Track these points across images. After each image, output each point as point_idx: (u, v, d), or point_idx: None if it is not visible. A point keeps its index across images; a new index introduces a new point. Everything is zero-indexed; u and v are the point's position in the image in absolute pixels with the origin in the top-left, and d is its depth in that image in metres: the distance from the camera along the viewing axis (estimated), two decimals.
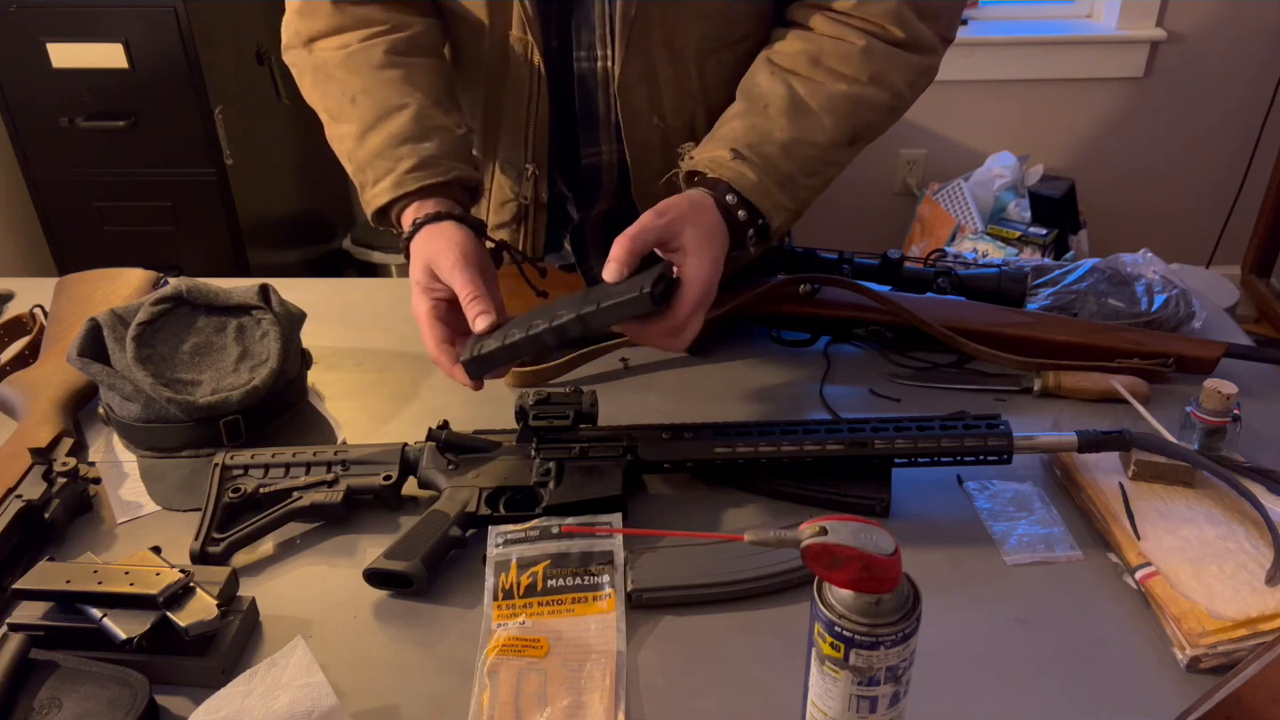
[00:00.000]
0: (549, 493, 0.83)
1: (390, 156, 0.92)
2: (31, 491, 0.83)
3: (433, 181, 0.92)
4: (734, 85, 0.97)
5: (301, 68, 1.00)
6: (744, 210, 0.88)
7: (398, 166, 0.92)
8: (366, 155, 0.94)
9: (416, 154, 0.92)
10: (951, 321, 1.03)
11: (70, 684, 0.67)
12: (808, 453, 0.83)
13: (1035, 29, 2.82)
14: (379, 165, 0.93)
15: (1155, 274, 1.12)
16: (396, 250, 2.80)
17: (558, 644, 0.72)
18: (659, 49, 0.96)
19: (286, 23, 1.01)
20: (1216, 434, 0.85)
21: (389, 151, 0.93)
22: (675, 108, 1.01)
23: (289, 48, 1.02)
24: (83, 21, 2.06)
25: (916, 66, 0.95)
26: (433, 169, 0.92)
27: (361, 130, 0.94)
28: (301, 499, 0.84)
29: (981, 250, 2.52)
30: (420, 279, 0.88)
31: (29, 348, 1.08)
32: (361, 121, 0.94)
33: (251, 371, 0.94)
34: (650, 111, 1.00)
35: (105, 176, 2.24)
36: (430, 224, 0.90)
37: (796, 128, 0.91)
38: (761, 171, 0.89)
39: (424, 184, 0.92)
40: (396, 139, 0.93)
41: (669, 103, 1.00)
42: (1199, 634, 0.69)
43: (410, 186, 0.91)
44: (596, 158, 1.07)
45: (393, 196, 0.92)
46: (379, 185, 0.93)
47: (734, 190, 0.88)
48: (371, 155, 0.93)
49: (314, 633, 0.75)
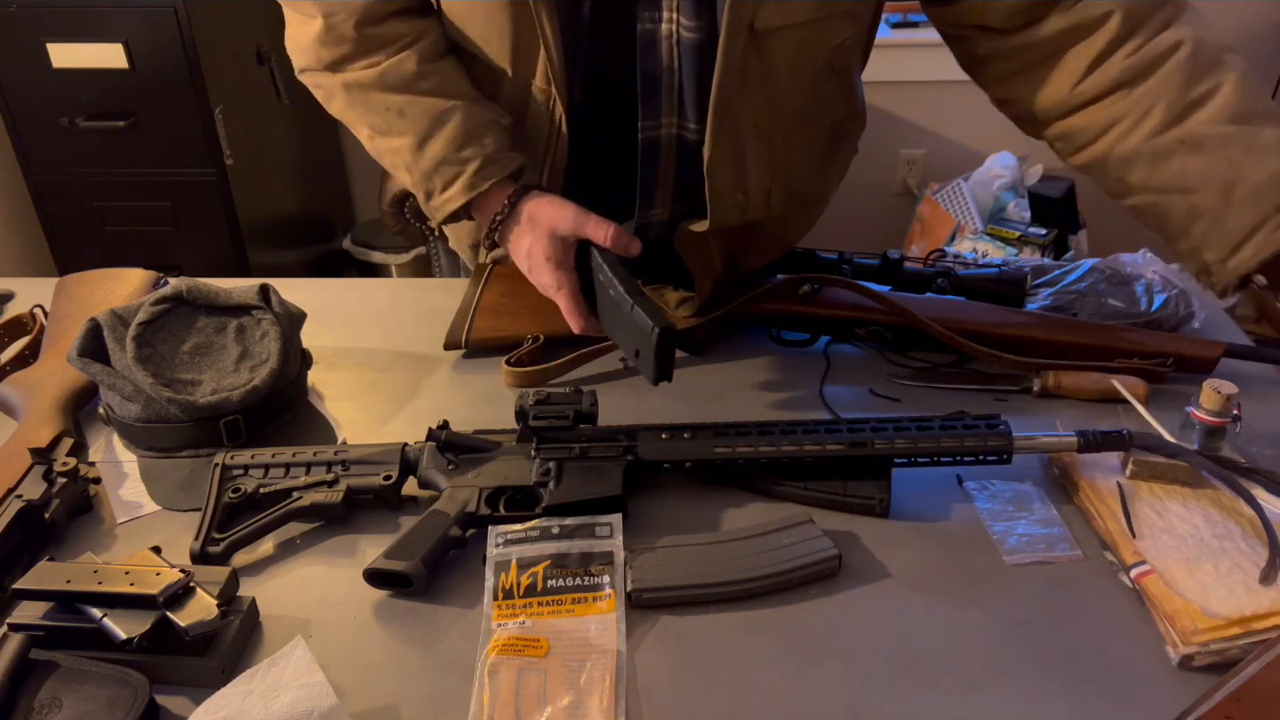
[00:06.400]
0: (549, 493, 0.83)
1: (455, 161, 0.96)
2: (31, 491, 0.83)
3: (501, 177, 0.96)
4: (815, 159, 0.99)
5: (329, 89, 1.00)
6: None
7: (465, 169, 0.96)
8: (429, 164, 0.97)
9: (480, 154, 0.96)
10: (951, 321, 1.03)
11: (70, 684, 0.67)
12: (808, 453, 0.84)
13: None
14: (445, 172, 0.96)
15: (1155, 274, 1.12)
16: (397, 250, 2.80)
17: (558, 644, 0.72)
18: (748, 130, 0.96)
19: (304, 49, 0.99)
20: (1216, 434, 0.85)
21: (452, 156, 0.96)
22: (758, 183, 1.01)
23: (307, 70, 1.01)
24: (83, 21, 2.06)
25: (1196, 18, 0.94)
26: (498, 165, 0.96)
27: (418, 140, 0.97)
28: (301, 499, 0.84)
29: (981, 250, 2.52)
30: (551, 253, 0.94)
31: (29, 348, 1.08)
32: (416, 133, 0.96)
33: (252, 371, 0.94)
34: (735, 189, 0.99)
35: (105, 176, 2.24)
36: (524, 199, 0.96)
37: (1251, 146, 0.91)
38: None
39: (493, 181, 0.96)
40: (457, 143, 0.96)
41: (753, 180, 1.00)
42: (1192, 632, 0.69)
43: (483, 187, 0.96)
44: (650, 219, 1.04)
45: (467, 199, 0.97)
46: (449, 190, 0.97)
47: None
48: (434, 163, 0.97)
49: (314, 633, 0.75)
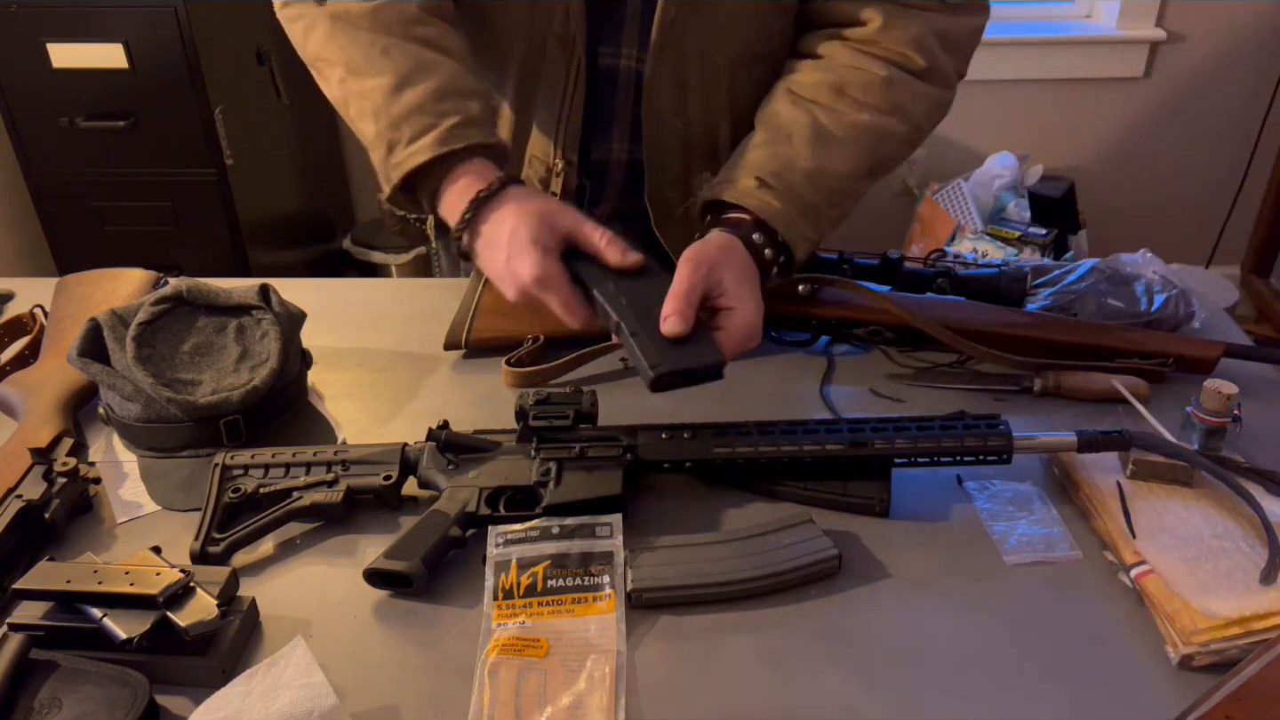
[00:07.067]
0: (549, 492, 0.83)
1: (432, 112, 0.82)
2: (31, 491, 0.83)
3: (480, 141, 0.83)
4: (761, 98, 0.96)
5: (312, 18, 0.89)
6: (770, 249, 0.86)
7: (441, 122, 0.82)
8: (402, 110, 0.83)
9: (463, 110, 0.83)
10: (951, 321, 1.03)
11: (70, 684, 0.67)
12: (808, 453, 0.84)
13: (1035, 29, 2.82)
14: (417, 121, 0.83)
15: (1155, 274, 1.12)
16: (397, 250, 2.78)
17: (558, 644, 0.72)
18: (693, 56, 0.95)
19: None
20: (1216, 434, 0.85)
21: (430, 106, 0.83)
22: (700, 115, 0.99)
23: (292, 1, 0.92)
24: (83, 21, 2.06)
25: (934, 99, 0.94)
26: (479, 129, 0.83)
27: (397, 81, 0.84)
28: (301, 499, 0.84)
29: (981, 250, 2.52)
30: (538, 234, 0.78)
31: (29, 348, 1.08)
32: (396, 73, 0.84)
33: (252, 371, 0.94)
34: (674, 116, 0.98)
35: (105, 176, 2.24)
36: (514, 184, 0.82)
37: (820, 156, 0.89)
38: (786, 200, 0.87)
39: (471, 143, 0.82)
40: (439, 93, 0.83)
41: (694, 110, 0.99)
42: (1191, 632, 0.69)
43: (456, 145, 0.82)
44: (607, 154, 1.05)
45: (434, 154, 0.82)
46: (416, 143, 0.82)
47: (760, 227, 0.86)
48: (408, 110, 0.83)
49: (314, 633, 0.75)
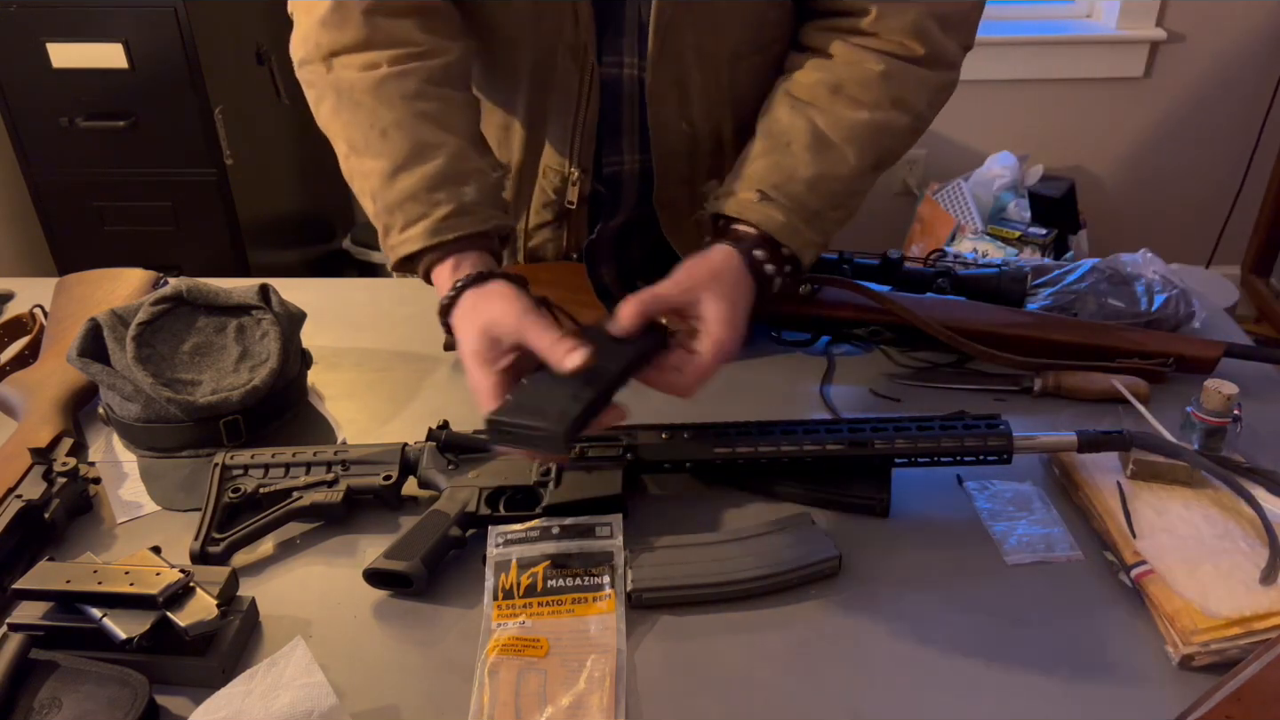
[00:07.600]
0: (549, 492, 0.83)
1: (425, 201, 0.84)
2: (31, 491, 0.83)
3: (471, 231, 0.84)
4: (763, 90, 0.95)
5: (321, 89, 0.90)
6: (772, 264, 0.86)
7: (433, 212, 0.84)
8: (396, 197, 0.85)
9: (455, 199, 0.84)
10: (951, 321, 1.03)
11: (70, 684, 0.67)
12: (808, 453, 0.83)
13: (1035, 29, 2.82)
14: (410, 209, 0.84)
15: (1155, 274, 1.12)
16: None
17: (558, 644, 0.72)
18: (691, 54, 0.94)
19: (305, 35, 0.91)
20: (1217, 434, 0.85)
21: (423, 195, 0.84)
22: (704, 114, 0.99)
23: (306, 63, 0.92)
24: (83, 21, 2.06)
25: (936, 84, 0.93)
26: (471, 217, 0.85)
27: (392, 168, 0.85)
28: (301, 499, 0.84)
29: (981, 250, 2.52)
30: (479, 348, 0.78)
31: (29, 348, 1.08)
32: (392, 158, 0.85)
33: (251, 371, 0.94)
34: (679, 119, 0.98)
35: (105, 176, 2.23)
36: (474, 286, 0.81)
37: (820, 163, 0.88)
38: (789, 211, 0.86)
39: (461, 234, 0.84)
40: (433, 181, 0.84)
41: (698, 109, 0.98)
42: (1192, 632, 0.69)
43: (446, 236, 0.83)
44: (619, 166, 1.05)
45: (424, 245, 0.84)
46: (409, 231, 0.84)
47: (763, 241, 0.85)
48: (402, 197, 0.85)
49: (314, 633, 0.75)
